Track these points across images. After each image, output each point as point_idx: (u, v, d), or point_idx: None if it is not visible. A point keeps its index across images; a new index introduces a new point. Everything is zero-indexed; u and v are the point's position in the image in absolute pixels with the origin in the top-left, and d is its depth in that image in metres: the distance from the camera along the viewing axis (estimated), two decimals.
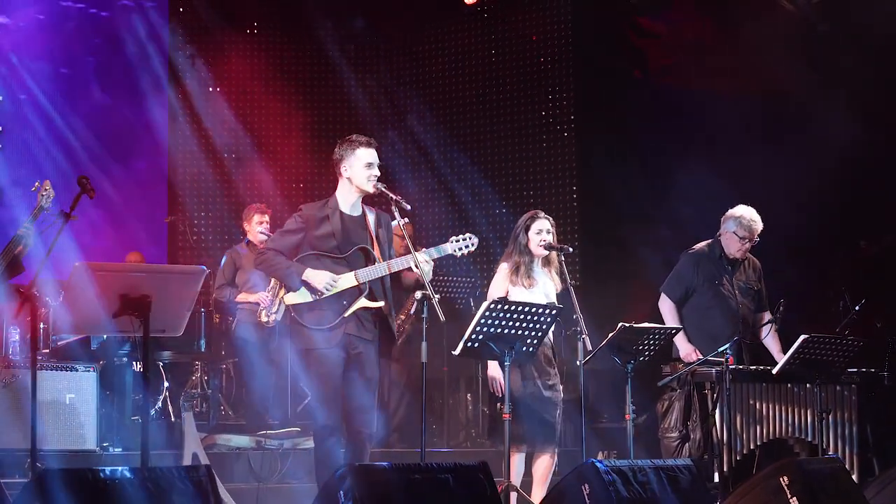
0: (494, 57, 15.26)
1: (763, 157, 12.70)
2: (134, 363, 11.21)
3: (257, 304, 10.61)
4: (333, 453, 8.10)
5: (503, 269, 9.14)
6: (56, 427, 9.71)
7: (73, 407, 9.85)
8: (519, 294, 8.93)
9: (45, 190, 7.97)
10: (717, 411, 9.55)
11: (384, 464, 6.82)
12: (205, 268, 6.86)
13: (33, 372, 7.07)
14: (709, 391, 9.69)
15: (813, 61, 12.45)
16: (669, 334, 9.11)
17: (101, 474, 5.71)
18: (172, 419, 11.47)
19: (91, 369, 10.04)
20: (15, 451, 9.36)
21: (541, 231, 9.07)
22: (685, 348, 9.90)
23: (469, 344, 8.08)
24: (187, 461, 9.52)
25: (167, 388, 11.74)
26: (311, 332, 8.12)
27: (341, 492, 6.43)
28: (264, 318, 9.26)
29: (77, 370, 9.95)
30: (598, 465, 7.30)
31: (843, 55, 12.55)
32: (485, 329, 8.04)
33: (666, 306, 10.13)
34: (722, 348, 9.35)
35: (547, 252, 9.07)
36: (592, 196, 14.40)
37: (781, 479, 7.96)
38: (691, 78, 13.69)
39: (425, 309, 8.06)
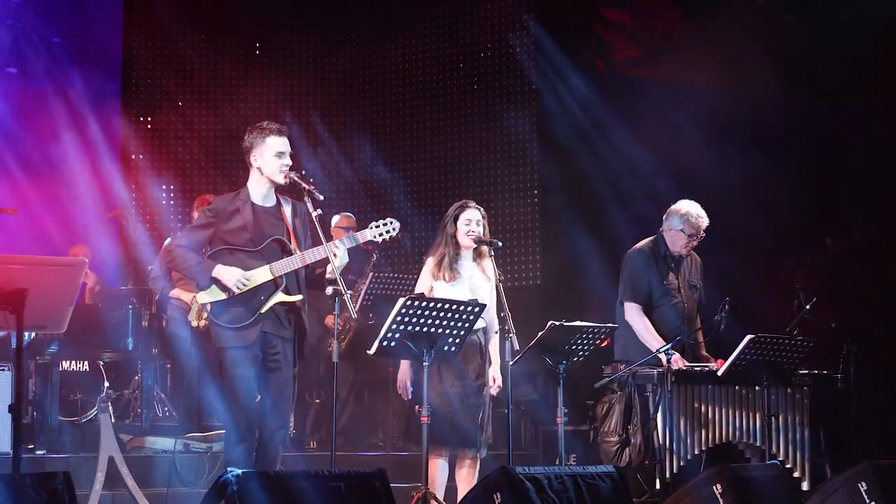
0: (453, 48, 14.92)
1: (721, 151, 12.33)
2: (62, 362, 10.86)
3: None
4: (246, 457, 7.71)
5: (428, 263, 8.74)
6: None
7: None
8: (441, 289, 8.53)
9: None
10: (659, 414, 9.12)
11: (270, 471, 6.47)
12: (86, 259, 6.42)
13: None
14: (650, 393, 9.24)
15: (780, 56, 12.11)
16: (604, 333, 8.67)
17: None
18: (113, 420, 11.09)
19: (6, 368, 9.64)
20: None
21: (470, 221, 8.65)
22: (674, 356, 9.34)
23: (385, 343, 7.66)
24: (103, 465, 9.11)
25: (108, 387, 11.32)
26: (225, 331, 7.72)
27: (223, 500, 6.07)
28: (194, 323, 8.83)
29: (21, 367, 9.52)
30: (510, 471, 6.91)
31: (810, 48, 12.23)
32: (401, 327, 7.62)
33: (634, 313, 9.57)
34: (664, 348, 8.97)
35: (475, 245, 8.63)
36: (553, 189, 13.97)
37: (714, 488, 7.64)
38: (657, 70, 13.32)
39: (336, 305, 7.66)
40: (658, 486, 9.06)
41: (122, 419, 11.35)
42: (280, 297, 7.76)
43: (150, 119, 15.20)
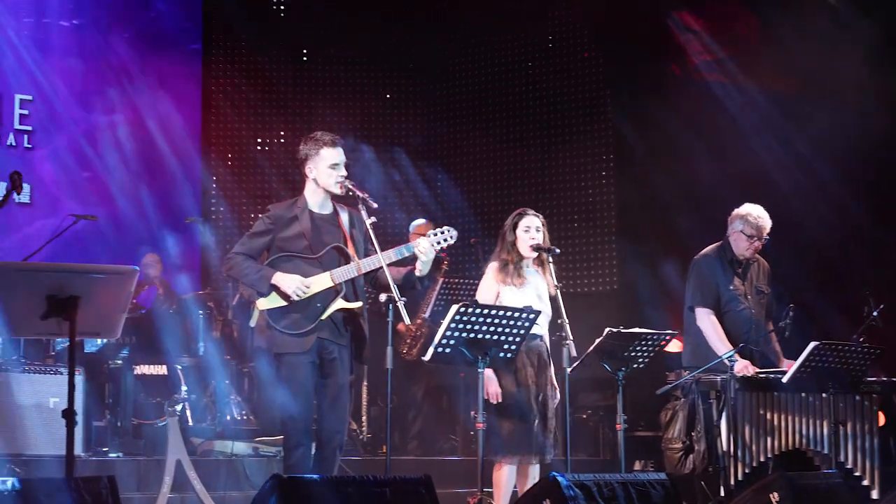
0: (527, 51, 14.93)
1: (790, 154, 12.21)
2: (140, 367, 11.04)
3: None
4: (303, 462, 7.77)
5: (491, 268, 8.73)
6: (40, 431, 9.50)
7: (57, 411, 9.57)
8: (510, 293, 8.50)
9: None
10: (723, 421, 9.05)
11: (315, 476, 6.52)
12: (137, 267, 6.51)
13: None
14: (714, 400, 9.16)
15: (848, 55, 11.95)
16: (665, 340, 8.60)
17: None
18: (191, 423, 11.27)
19: (77, 372, 9.78)
20: None
21: (529, 228, 8.65)
22: (739, 363, 9.27)
23: (440, 349, 7.70)
24: (170, 469, 9.27)
25: (185, 391, 11.48)
26: (283, 337, 7.78)
27: None
28: (253, 324, 8.86)
29: (62, 374, 9.74)
30: (560, 479, 6.92)
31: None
32: (456, 334, 7.65)
33: (705, 318, 9.47)
34: (727, 354, 8.91)
35: (535, 253, 8.63)
36: (632, 194, 13.92)
37: (771, 496, 7.56)
38: (732, 74, 13.21)
39: (390, 312, 7.71)
40: (722, 494, 8.97)
41: (199, 423, 11.46)
42: (340, 303, 7.81)
43: (227, 127, 15.42)
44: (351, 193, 7.89)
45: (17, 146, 13.93)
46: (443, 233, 7.97)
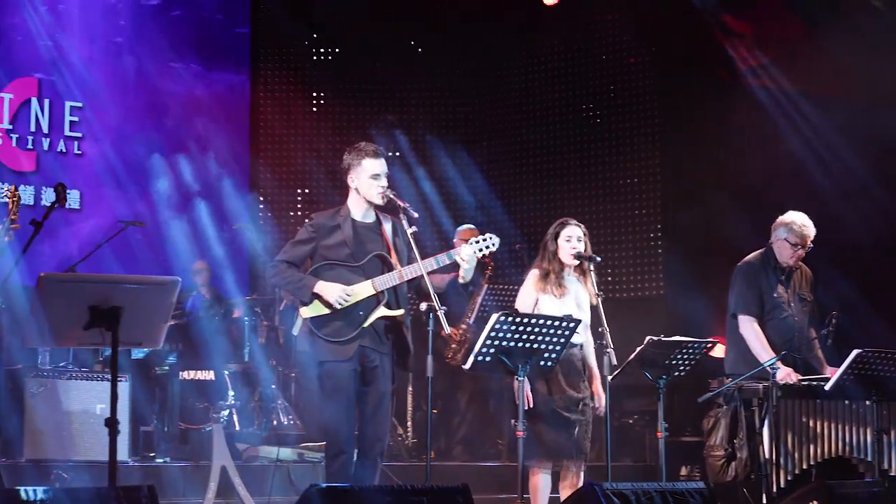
0: (572, 59, 14.96)
1: (835, 158, 12.16)
2: (188, 372, 11.12)
3: None
4: (345, 469, 7.81)
5: (532, 275, 8.75)
6: (87, 437, 9.61)
7: (103, 417, 9.70)
8: (549, 302, 8.54)
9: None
10: (765, 429, 9.03)
11: (352, 486, 6.57)
12: (178, 278, 6.59)
13: None
14: (756, 408, 9.14)
15: (893, 57, 11.88)
16: (706, 348, 8.60)
17: (24, 495, 5.51)
18: (238, 428, 11.35)
19: (122, 379, 9.93)
20: (41, 461, 9.31)
21: (570, 238, 8.67)
22: (781, 371, 9.27)
23: (480, 358, 7.72)
24: (215, 474, 9.36)
25: (232, 397, 11.56)
26: (325, 344, 7.83)
27: None
28: (295, 332, 8.88)
29: (108, 380, 9.81)
30: (597, 488, 6.94)
31: None
32: (496, 343, 7.68)
33: (748, 325, 9.46)
34: (769, 362, 8.89)
35: (577, 261, 8.65)
36: (679, 200, 13.90)
37: None
38: (778, 78, 13.17)
39: (431, 321, 7.75)
40: (765, 502, 8.95)
41: (246, 428, 11.54)
42: (382, 311, 7.84)
43: (277, 135, 15.54)
44: (391, 202, 7.92)
45: (67, 152, 14.11)
46: (485, 239, 7.99)
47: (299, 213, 15.11)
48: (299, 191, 15.35)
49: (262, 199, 15.27)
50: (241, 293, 12.87)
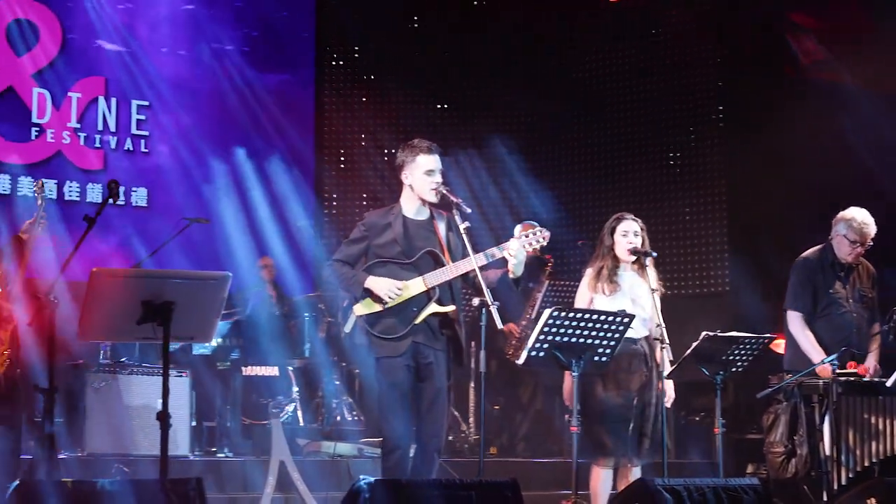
0: (634, 55, 14.97)
1: None
2: (253, 368, 11.20)
3: None
4: (401, 465, 7.83)
5: (586, 275, 8.75)
6: (146, 432, 9.69)
7: None
8: (600, 301, 8.52)
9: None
10: (825, 425, 8.94)
11: (400, 479, 6.58)
12: (229, 273, 6.64)
13: (50, 378, 6.92)
14: (816, 404, 9.06)
15: None
16: (763, 343, 8.53)
17: (86, 486, 5.59)
18: (301, 423, 11.42)
19: (183, 374, 10.04)
20: (103, 455, 9.41)
21: (627, 233, 8.64)
22: (818, 360, 9.19)
23: (533, 353, 7.72)
24: (273, 469, 9.43)
25: (297, 392, 11.63)
26: (378, 341, 7.87)
27: None
28: (347, 329, 8.91)
29: (169, 376, 9.90)
30: (649, 483, 6.91)
31: None
32: (549, 338, 7.67)
33: (796, 322, 9.42)
34: (828, 359, 8.81)
35: (633, 256, 8.61)
36: (744, 194, 13.81)
37: (869, 501, 7.48)
38: (844, 74, 13.05)
39: (483, 316, 7.74)
40: (825, 499, 8.87)
41: (310, 423, 11.60)
42: (433, 307, 7.85)
43: (341, 135, 15.66)
44: (444, 198, 7.93)
45: (134, 150, 14.24)
46: (535, 234, 7.96)
47: (364, 212, 15.13)
48: (363, 190, 15.36)
49: (326, 197, 15.32)
50: (305, 290, 12.92)
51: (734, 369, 8.49)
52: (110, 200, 6.85)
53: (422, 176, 7.94)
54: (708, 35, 14.32)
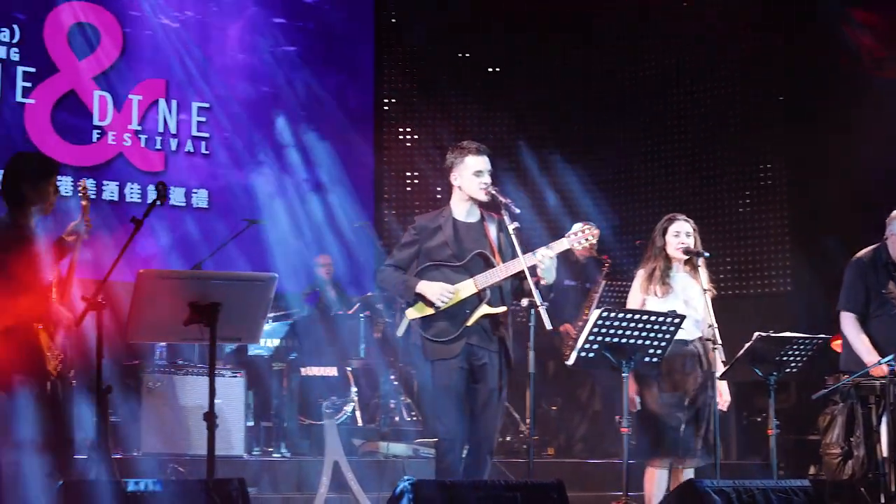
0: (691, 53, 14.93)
1: None
2: (311, 368, 11.23)
3: None
4: (454, 465, 7.83)
5: (637, 276, 8.72)
6: (202, 432, 9.66)
7: (219, 412, 9.79)
8: (653, 303, 8.49)
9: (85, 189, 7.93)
10: (883, 426, 8.85)
11: (445, 480, 6.58)
12: (275, 275, 6.67)
13: (98, 380, 6.98)
14: (873, 405, 8.97)
15: None
16: (817, 344, 8.44)
17: (130, 487, 5.63)
18: (360, 424, 11.45)
19: (238, 375, 10.09)
20: (158, 455, 9.48)
21: (679, 233, 8.60)
22: (870, 360, 9.10)
23: (583, 354, 7.71)
24: (328, 469, 9.47)
25: (355, 393, 11.65)
26: (431, 344, 7.88)
27: None
28: (400, 334, 8.92)
29: (224, 376, 10.01)
30: (697, 485, 6.88)
31: None
32: (598, 339, 7.65)
33: (848, 323, 9.32)
34: (885, 360, 8.70)
35: (685, 257, 8.56)
36: (805, 194, 13.70)
37: None
38: None
39: (532, 317, 7.71)
40: (883, 501, 8.78)
41: (368, 424, 11.61)
42: (484, 309, 7.84)
43: (403, 135, 15.69)
44: (495, 200, 7.91)
45: (194, 152, 14.33)
46: (583, 231, 7.91)
47: (423, 213, 15.19)
48: (422, 191, 15.39)
49: (386, 198, 15.38)
50: (363, 290, 12.96)
51: (788, 370, 8.43)
52: (158, 203, 6.85)
53: (471, 177, 7.95)
54: (767, 32, 14.18)
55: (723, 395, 8.55)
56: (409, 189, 15.52)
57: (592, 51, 15.42)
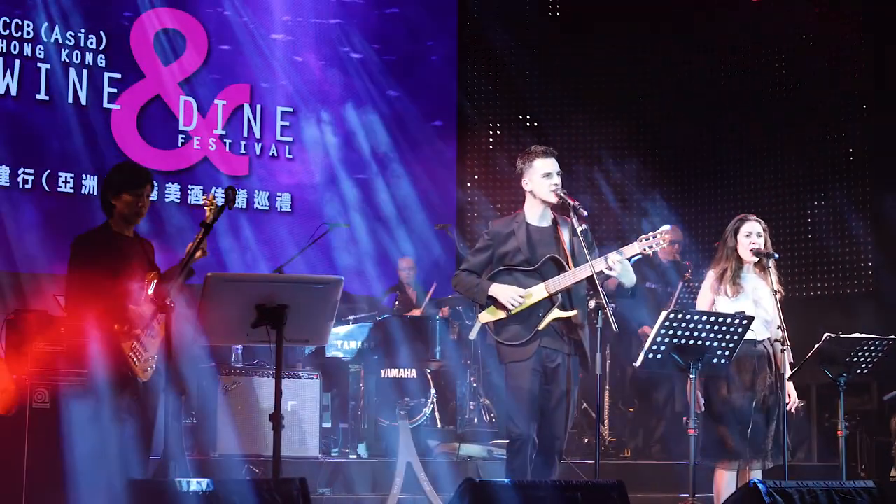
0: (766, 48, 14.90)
1: None
2: (381, 371, 11.34)
3: None
4: (524, 467, 7.89)
5: (708, 277, 8.71)
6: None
7: (294, 414, 10.03)
8: (723, 302, 8.48)
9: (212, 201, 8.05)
10: None
11: (506, 481, 6.63)
12: (342, 277, 6.78)
13: (168, 380, 7.12)
14: None
15: None
16: (888, 345, 8.40)
17: (180, 486, 5.74)
18: (439, 426, 11.53)
19: (315, 377, 10.21)
20: (234, 456, 9.62)
21: (750, 234, 8.58)
22: None
23: (650, 356, 7.74)
24: (400, 470, 9.57)
25: (434, 394, 11.73)
26: (505, 348, 7.96)
27: None
28: (472, 337, 9.03)
29: (300, 377, 10.14)
30: (760, 486, 6.88)
31: None
32: (666, 340, 7.69)
33: None
34: None
35: (756, 258, 8.56)
36: (889, 193, 13.55)
37: None
38: None
39: (599, 319, 7.76)
40: None
41: (447, 425, 11.68)
42: (556, 313, 7.90)
43: (486, 139, 15.78)
44: (564, 202, 7.96)
45: (278, 156, 14.53)
46: (656, 236, 7.95)
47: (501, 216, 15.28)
48: (504, 196, 15.45)
49: (468, 202, 15.47)
50: (444, 292, 13.05)
51: (858, 371, 8.41)
52: (227, 208, 6.98)
53: (540, 179, 8.02)
54: (853, 26, 14.11)
55: (791, 397, 8.53)
56: (492, 192, 15.56)
57: (662, 48, 15.48)
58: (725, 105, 15.08)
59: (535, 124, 15.72)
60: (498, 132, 15.80)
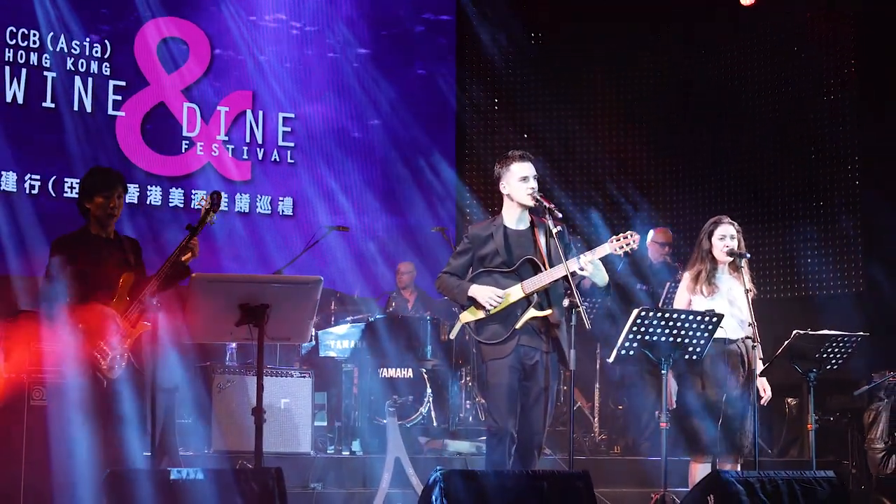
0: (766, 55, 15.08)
1: None
2: (380, 370, 11.56)
3: None
4: (504, 459, 8.14)
5: (685, 278, 9.00)
6: (270, 431, 10.10)
7: (287, 411, 10.29)
8: (699, 303, 8.77)
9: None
10: None
11: (477, 470, 6.90)
12: (321, 277, 7.05)
13: (152, 380, 7.41)
14: None
15: None
16: (856, 342, 8.66)
17: (172, 475, 6.04)
18: (435, 424, 11.75)
19: (306, 375, 10.45)
20: (228, 453, 9.88)
21: (724, 237, 8.87)
22: None
23: (622, 352, 8.02)
24: (389, 466, 9.78)
25: (430, 394, 11.96)
26: (486, 346, 8.25)
27: (433, 495, 6.60)
28: (452, 335, 9.33)
29: (292, 376, 10.39)
30: (723, 475, 7.16)
31: None
32: (637, 337, 7.96)
33: None
34: None
35: (730, 258, 8.83)
36: (877, 195, 13.78)
37: None
38: None
39: (573, 317, 8.02)
40: None
41: (443, 424, 11.89)
42: (532, 312, 8.17)
43: (481, 139, 16.06)
44: (540, 205, 8.22)
45: (280, 161, 14.81)
46: (626, 238, 8.19)
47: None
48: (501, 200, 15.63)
49: (467, 206, 15.68)
50: (434, 295, 13.28)
51: (828, 367, 8.65)
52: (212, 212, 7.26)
53: (517, 183, 8.29)
54: (845, 34, 14.34)
55: (766, 391, 8.79)
56: (488, 195, 15.76)
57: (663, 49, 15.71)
58: (725, 105, 15.25)
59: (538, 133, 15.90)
60: (496, 142, 15.96)
